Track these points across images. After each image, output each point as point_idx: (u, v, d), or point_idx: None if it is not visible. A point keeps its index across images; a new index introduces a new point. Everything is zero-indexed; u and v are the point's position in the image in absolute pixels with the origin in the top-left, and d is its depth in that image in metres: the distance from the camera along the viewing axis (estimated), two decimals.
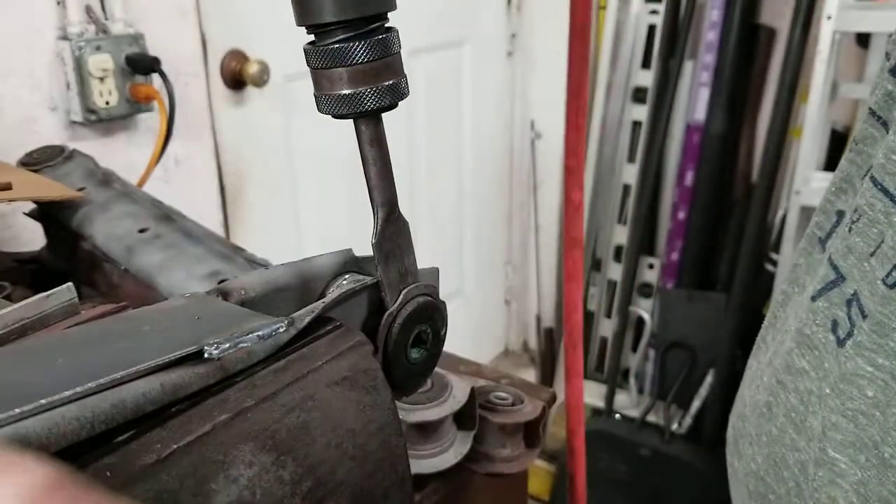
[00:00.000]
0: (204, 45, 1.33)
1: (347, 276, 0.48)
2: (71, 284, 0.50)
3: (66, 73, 1.12)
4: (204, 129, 1.34)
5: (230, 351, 0.36)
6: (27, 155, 0.79)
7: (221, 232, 1.42)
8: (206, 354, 0.35)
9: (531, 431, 0.72)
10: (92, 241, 0.67)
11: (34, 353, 0.36)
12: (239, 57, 1.41)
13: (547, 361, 2.35)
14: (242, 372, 0.37)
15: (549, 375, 2.32)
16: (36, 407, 0.29)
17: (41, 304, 0.47)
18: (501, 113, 2.23)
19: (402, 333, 0.46)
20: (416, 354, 0.48)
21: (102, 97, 1.14)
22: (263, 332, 0.38)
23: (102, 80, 1.13)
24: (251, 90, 1.45)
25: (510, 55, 2.21)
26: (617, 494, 1.94)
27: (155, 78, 1.18)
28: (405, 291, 0.46)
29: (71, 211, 0.69)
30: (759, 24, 1.97)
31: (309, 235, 1.68)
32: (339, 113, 0.42)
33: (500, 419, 0.69)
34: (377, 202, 0.45)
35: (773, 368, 0.51)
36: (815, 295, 0.47)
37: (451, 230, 2.16)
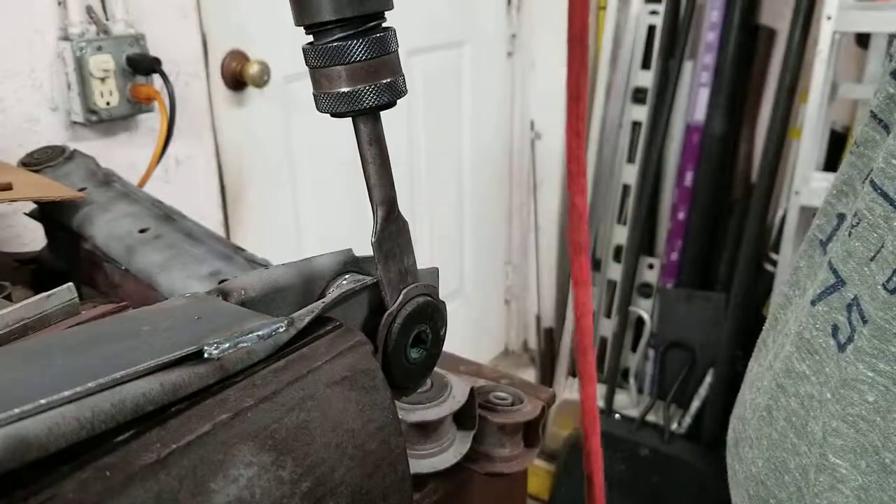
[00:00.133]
0: (205, 45, 1.33)
1: (347, 276, 0.48)
2: (71, 284, 0.50)
3: (67, 73, 1.12)
4: (204, 129, 1.34)
5: (230, 351, 0.36)
6: (28, 155, 0.79)
7: (222, 232, 1.42)
8: (205, 354, 0.35)
9: (531, 431, 0.72)
10: (92, 241, 0.67)
11: (34, 353, 0.36)
12: (239, 57, 1.41)
13: (546, 361, 2.35)
14: (242, 372, 0.37)
15: (548, 375, 2.32)
16: (36, 407, 0.29)
17: (42, 304, 0.47)
18: (501, 113, 2.23)
19: (401, 333, 0.46)
20: (415, 354, 0.48)
21: (103, 97, 1.14)
22: (263, 331, 0.38)
23: (103, 80, 1.13)
24: (252, 90, 1.46)
25: (510, 55, 2.21)
26: (617, 494, 1.94)
27: (156, 78, 1.18)
28: (405, 291, 0.46)
29: (72, 211, 0.69)
30: (758, 24, 1.97)
31: (309, 235, 1.68)
32: (337, 111, 0.42)
33: (499, 419, 0.69)
34: (376, 201, 0.45)
35: (773, 372, 0.51)
36: (814, 299, 0.47)
37: (450, 230, 2.16)
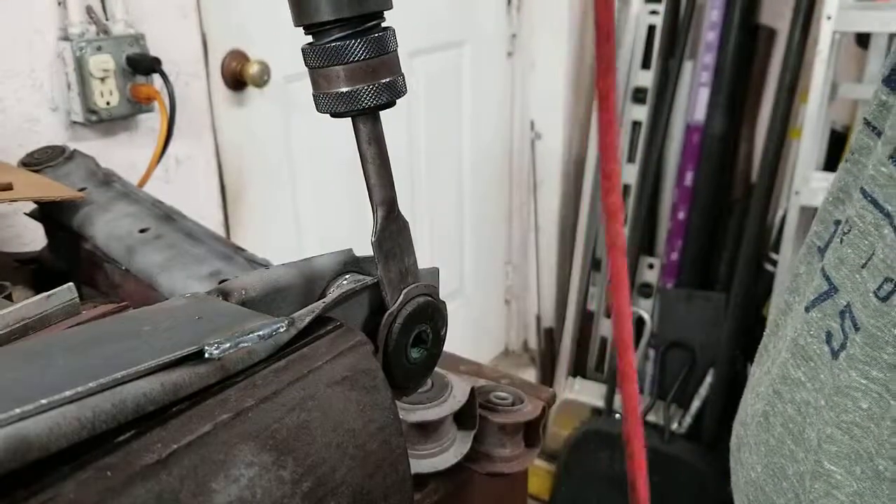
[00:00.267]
0: (205, 45, 1.33)
1: (348, 276, 0.48)
2: (72, 284, 0.50)
3: (66, 73, 1.12)
4: (204, 129, 1.34)
5: (231, 351, 0.36)
6: (28, 155, 0.79)
7: (222, 232, 1.42)
8: (206, 354, 0.35)
9: (531, 431, 0.72)
10: (93, 241, 0.67)
11: (35, 353, 0.36)
12: (239, 57, 1.41)
13: (547, 361, 2.35)
14: (243, 372, 0.37)
15: (549, 375, 2.32)
16: (37, 407, 0.29)
17: (42, 304, 0.47)
18: (501, 113, 2.23)
19: (402, 333, 0.46)
20: (416, 354, 0.48)
21: (103, 97, 1.14)
22: (264, 331, 0.38)
23: (103, 80, 1.13)
24: (252, 90, 1.46)
25: (510, 55, 2.21)
26: (617, 494, 1.94)
27: (156, 78, 1.18)
28: (405, 291, 0.46)
29: (72, 211, 0.69)
30: (758, 24, 1.97)
31: (309, 235, 1.68)
32: (337, 111, 0.42)
33: (500, 419, 0.69)
34: (376, 201, 0.45)
35: (771, 378, 0.51)
36: (809, 305, 0.47)
37: (450, 230, 2.16)
